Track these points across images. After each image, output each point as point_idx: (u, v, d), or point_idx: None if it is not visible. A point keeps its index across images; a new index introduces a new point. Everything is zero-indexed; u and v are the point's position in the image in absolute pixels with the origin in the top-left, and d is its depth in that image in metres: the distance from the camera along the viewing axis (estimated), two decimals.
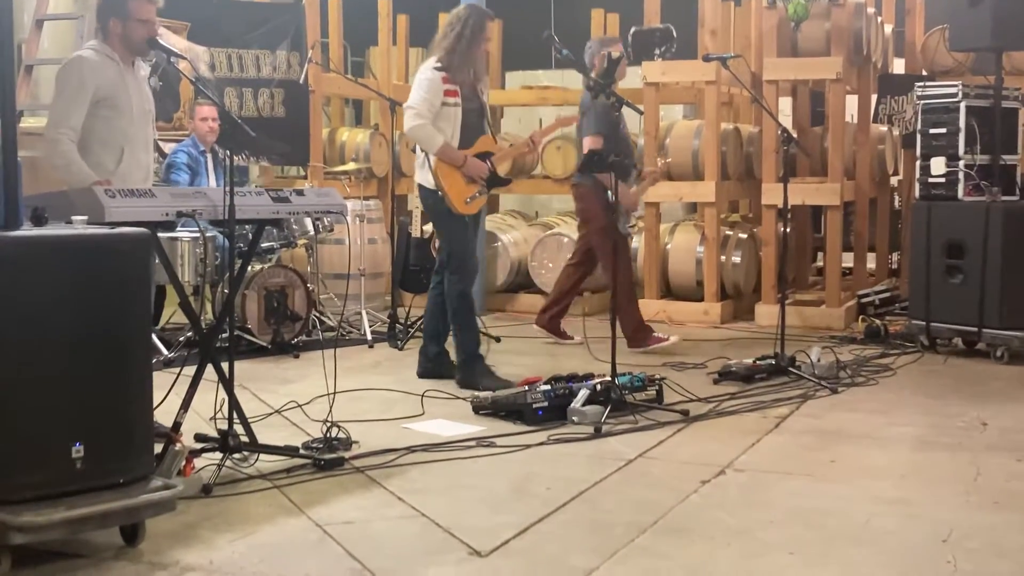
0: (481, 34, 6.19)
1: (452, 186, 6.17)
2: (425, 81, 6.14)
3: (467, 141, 6.22)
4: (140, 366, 3.73)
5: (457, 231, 6.27)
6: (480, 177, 6.22)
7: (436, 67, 6.17)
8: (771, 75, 8.61)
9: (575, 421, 5.30)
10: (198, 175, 7.64)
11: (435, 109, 6.11)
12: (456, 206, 6.18)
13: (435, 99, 6.11)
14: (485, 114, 6.42)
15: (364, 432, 5.03)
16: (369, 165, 9.52)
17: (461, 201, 6.19)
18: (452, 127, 6.16)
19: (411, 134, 6.22)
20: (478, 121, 6.31)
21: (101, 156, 4.72)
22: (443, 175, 6.16)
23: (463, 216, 6.24)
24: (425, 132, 6.10)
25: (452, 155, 6.14)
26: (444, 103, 6.13)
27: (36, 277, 3.42)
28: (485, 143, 6.32)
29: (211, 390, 4.60)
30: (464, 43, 6.16)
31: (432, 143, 6.11)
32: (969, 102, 7.30)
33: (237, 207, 4.37)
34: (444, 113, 6.14)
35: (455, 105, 6.16)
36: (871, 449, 5.03)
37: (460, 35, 6.18)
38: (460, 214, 6.21)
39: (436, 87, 6.11)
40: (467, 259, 6.28)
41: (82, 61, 4.74)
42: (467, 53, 6.18)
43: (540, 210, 12.14)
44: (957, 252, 7.15)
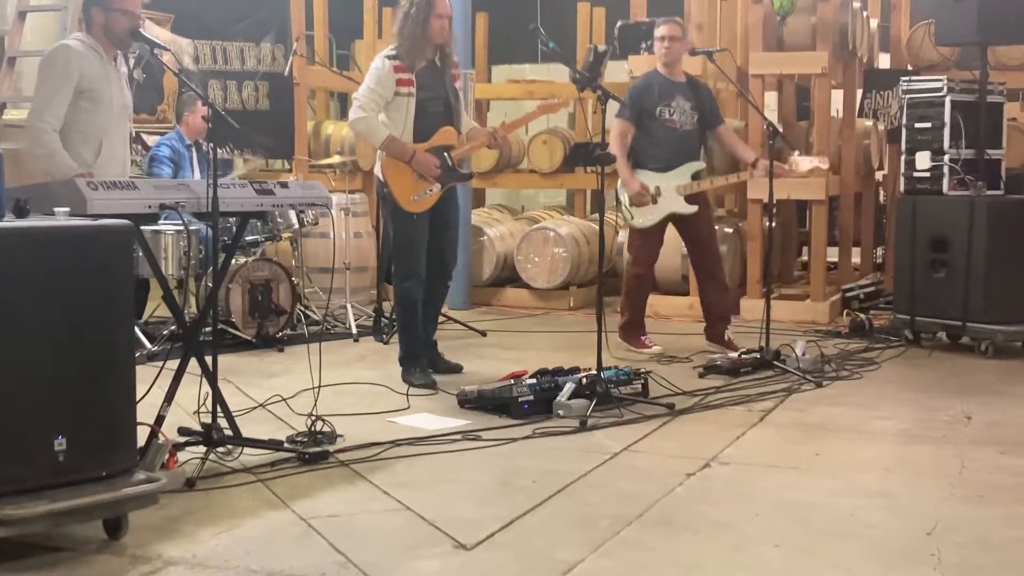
0: (430, 11, 5.84)
1: (397, 182, 5.93)
2: (374, 71, 5.91)
3: (425, 133, 5.95)
4: (123, 359, 3.70)
5: (402, 229, 6.02)
6: (429, 174, 5.92)
7: (388, 55, 5.92)
8: (757, 69, 8.61)
9: (561, 415, 5.29)
10: (181, 168, 7.61)
11: (384, 100, 5.88)
12: (401, 203, 5.95)
13: (384, 90, 5.86)
14: (452, 103, 6.05)
15: (349, 426, 5.00)
16: (354, 158, 9.49)
17: (406, 198, 5.94)
18: (404, 118, 5.90)
19: (353, 127, 6.04)
20: (442, 110, 6.00)
21: (80, 148, 4.69)
22: (388, 170, 5.94)
23: (412, 214, 5.96)
24: (367, 125, 5.88)
25: (398, 149, 5.87)
26: (397, 93, 5.87)
27: (18, 269, 3.39)
28: (444, 136, 6.00)
29: (195, 384, 4.57)
30: (413, 24, 5.86)
31: (375, 136, 5.89)
32: (954, 96, 7.31)
33: (221, 199, 4.34)
34: (396, 103, 5.89)
35: (408, 95, 5.88)
36: (856, 443, 5.03)
37: (407, 16, 5.89)
38: (408, 212, 5.96)
39: (385, 77, 5.85)
40: (410, 259, 6.03)
41: (68, 50, 4.71)
42: (418, 35, 5.87)
43: (526, 204, 12.14)
44: (942, 246, 7.16)
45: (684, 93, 6.90)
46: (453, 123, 6.06)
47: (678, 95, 6.88)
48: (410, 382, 5.96)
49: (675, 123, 6.86)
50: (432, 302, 6.30)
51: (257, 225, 7.44)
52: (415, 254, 6.03)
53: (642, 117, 6.77)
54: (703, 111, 6.95)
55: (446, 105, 6.01)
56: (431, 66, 5.99)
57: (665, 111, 6.84)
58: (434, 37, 5.90)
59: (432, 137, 5.97)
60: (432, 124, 5.97)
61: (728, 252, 9.00)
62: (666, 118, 6.84)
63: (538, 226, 9.39)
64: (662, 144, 6.84)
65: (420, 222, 6.02)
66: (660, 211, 6.83)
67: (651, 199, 6.79)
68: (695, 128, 6.94)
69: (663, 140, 6.84)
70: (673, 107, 6.84)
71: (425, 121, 5.95)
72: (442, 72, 6.02)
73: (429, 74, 5.96)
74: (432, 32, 5.88)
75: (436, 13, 5.86)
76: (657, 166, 6.84)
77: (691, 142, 6.94)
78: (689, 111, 6.89)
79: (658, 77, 6.93)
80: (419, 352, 6.14)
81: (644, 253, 7.03)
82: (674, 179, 6.84)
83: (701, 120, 6.95)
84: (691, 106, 6.89)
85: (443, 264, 6.22)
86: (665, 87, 6.87)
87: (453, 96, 6.05)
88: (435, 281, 6.22)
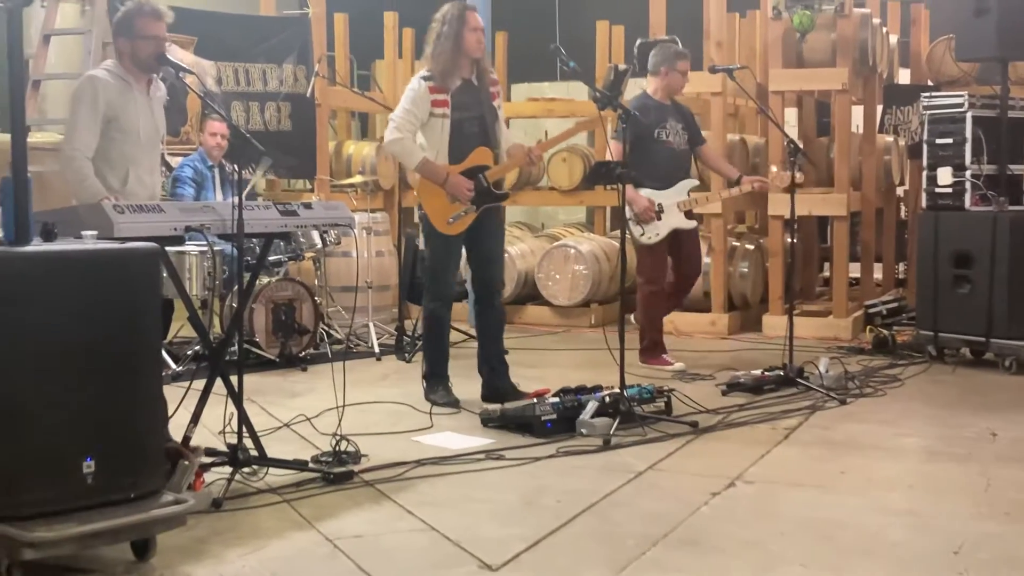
0: (463, 26, 5.77)
1: (432, 204, 5.89)
2: (410, 92, 5.86)
3: (461, 153, 5.89)
4: (150, 380, 3.74)
5: (436, 250, 5.98)
6: (462, 197, 5.85)
7: (423, 76, 5.87)
8: (777, 86, 8.61)
9: (584, 433, 5.29)
10: (204, 189, 7.65)
11: (420, 120, 5.83)
12: (436, 225, 5.90)
13: (419, 111, 5.81)
14: (489, 122, 5.96)
15: (373, 445, 5.02)
16: (375, 178, 9.52)
17: (442, 220, 5.89)
18: (439, 139, 5.86)
19: (388, 148, 6.02)
20: (477, 130, 5.92)
21: (107, 175, 4.73)
22: (424, 193, 5.92)
23: (447, 236, 5.91)
24: (402, 147, 5.84)
25: (432, 172, 5.82)
26: (432, 114, 5.83)
27: (46, 292, 3.43)
28: (480, 156, 5.92)
29: (220, 404, 4.60)
30: (446, 41, 5.79)
31: (410, 159, 5.85)
32: (975, 112, 7.30)
33: (246, 221, 4.37)
34: (431, 124, 5.85)
35: (443, 116, 5.83)
36: (881, 460, 5.02)
37: (439, 35, 5.82)
38: (442, 233, 5.92)
39: (421, 97, 5.81)
40: (439, 280, 6.00)
41: (95, 80, 4.76)
42: (452, 52, 5.79)
43: (546, 222, 12.16)
44: (964, 262, 7.14)
45: (674, 115, 7.20)
46: (489, 142, 5.96)
47: (670, 117, 7.16)
48: (433, 401, 5.96)
49: (671, 143, 7.13)
50: (487, 327, 6.18)
51: (280, 245, 7.48)
52: (445, 276, 6.02)
53: (640, 139, 6.85)
54: (691, 131, 7.27)
55: (482, 124, 5.93)
56: (468, 85, 5.91)
57: (662, 133, 7.08)
58: (470, 51, 5.83)
59: (467, 158, 5.90)
60: (468, 144, 5.90)
61: (749, 269, 9.01)
62: (663, 139, 7.09)
63: (558, 244, 9.41)
64: (660, 163, 7.05)
65: (454, 244, 6.00)
66: (665, 226, 7.05)
67: (656, 215, 7.00)
68: (687, 147, 7.25)
69: (661, 160, 7.07)
70: (668, 128, 7.12)
71: (461, 142, 5.89)
72: (479, 90, 5.94)
73: (465, 93, 5.89)
74: (468, 46, 5.81)
75: (469, 27, 5.80)
76: (656, 184, 7.04)
77: (685, 161, 7.28)
78: (680, 131, 7.18)
79: (650, 100, 7.15)
80: (443, 371, 6.11)
81: (655, 270, 7.17)
82: (673, 196, 7.08)
83: (690, 139, 7.26)
84: (681, 127, 7.19)
85: (489, 287, 6.14)
86: (659, 110, 7.09)
87: (490, 115, 5.97)
88: (484, 304, 6.16)
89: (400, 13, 10.70)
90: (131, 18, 4.82)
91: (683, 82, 7.22)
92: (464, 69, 5.90)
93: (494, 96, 6.02)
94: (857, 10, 8.67)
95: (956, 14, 7.56)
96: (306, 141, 9.33)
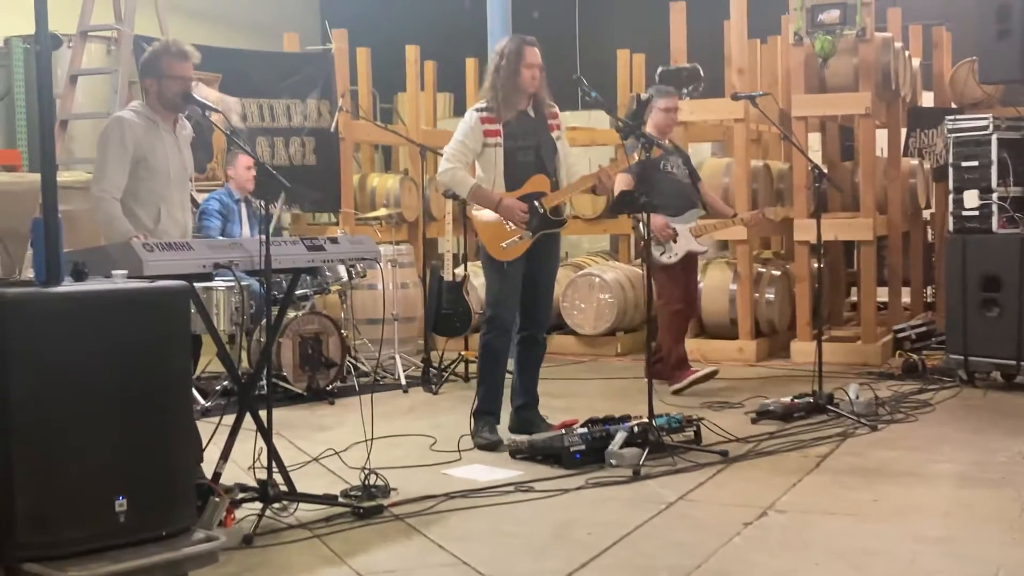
0: (519, 62, 5.83)
1: (488, 232, 5.89)
2: (463, 124, 5.92)
3: (516, 182, 5.88)
4: (181, 418, 3.76)
5: (492, 278, 5.96)
6: (515, 220, 5.83)
7: (477, 108, 5.93)
8: (800, 111, 8.61)
9: (613, 464, 5.27)
10: (230, 222, 7.71)
11: (473, 152, 5.87)
12: (491, 251, 5.90)
13: (472, 142, 5.86)
14: (545, 151, 5.94)
15: (402, 479, 5.02)
16: (400, 210, 9.58)
17: (496, 246, 5.87)
18: (494, 168, 5.87)
19: (440, 179, 6.08)
20: (533, 160, 5.91)
21: (139, 215, 4.76)
22: (478, 219, 6.00)
23: (502, 263, 5.88)
24: (453, 176, 5.88)
25: (484, 197, 5.85)
26: (485, 144, 5.86)
27: (78, 332, 3.45)
28: (536, 183, 5.90)
29: (249, 439, 4.61)
30: (502, 76, 5.86)
31: (461, 187, 5.89)
32: (1000, 134, 7.27)
33: (273, 257, 4.40)
34: (485, 155, 5.88)
35: (495, 145, 5.85)
36: (913, 487, 4.97)
37: (497, 68, 5.90)
38: (499, 261, 5.89)
39: (472, 129, 5.86)
40: (498, 310, 5.92)
41: (121, 122, 4.80)
42: (508, 86, 5.85)
43: (571, 250, 12.16)
44: (993, 285, 7.10)
45: (674, 154, 7.49)
46: (546, 171, 5.94)
47: (671, 155, 7.40)
48: (477, 442, 5.82)
49: (675, 175, 7.44)
50: (528, 362, 6.11)
51: (307, 279, 7.51)
52: (504, 304, 5.92)
53: (647, 170, 6.83)
54: (689, 167, 7.63)
55: (537, 154, 5.93)
56: (523, 116, 5.93)
57: (667, 164, 7.36)
58: (526, 86, 5.87)
59: (523, 186, 5.90)
60: (524, 173, 5.90)
61: (776, 295, 8.98)
62: (669, 170, 7.37)
63: (583, 272, 9.41)
64: (670, 193, 7.28)
65: (512, 272, 5.91)
66: (682, 248, 7.34)
67: (673, 235, 7.29)
68: (689, 180, 7.56)
69: (671, 190, 7.30)
70: (672, 162, 7.42)
71: (515, 170, 5.89)
72: (535, 121, 5.95)
73: (520, 124, 5.91)
74: (523, 82, 5.85)
75: (526, 63, 5.84)
76: (668, 212, 7.27)
77: (692, 192, 7.56)
78: (682, 166, 7.52)
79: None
80: (493, 408, 5.97)
81: (675, 291, 7.41)
82: (685, 222, 7.36)
83: (690, 174, 7.61)
84: (681, 162, 7.53)
85: (535, 322, 6.07)
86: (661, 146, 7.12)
87: (547, 145, 5.97)
88: (528, 339, 6.08)
89: (421, 47, 10.76)
90: (158, 58, 4.86)
91: (667, 120, 7.41)
92: (520, 102, 5.94)
93: (553, 128, 6.03)
94: (878, 34, 8.67)
95: (979, 37, 7.56)
96: (331, 175, 9.39)
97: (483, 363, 6.02)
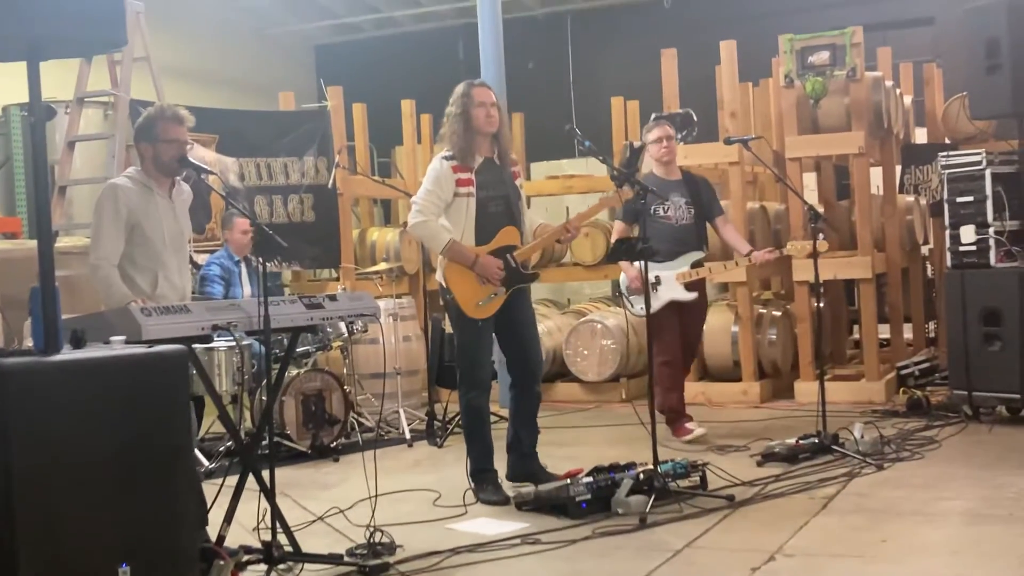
0: (470, 102, 5.69)
1: (461, 288, 5.72)
2: (432, 172, 5.72)
3: (487, 234, 5.76)
4: (183, 482, 3.75)
5: (467, 336, 5.79)
6: (492, 278, 5.71)
7: (445, 156, 5.75)
8: (794, 153, 8.66)
9: (620, 512, 5.25)
10: (232, 285, 7.73)
11: (444, 201, 5.68)
12: (465, 309, 5.74)
13: (443, 191, 5.67)
14: (513, 201, 5.87)
15: (408, 535, 4.99)
16: (400, 263, 9.60)
17: (471, 304, 5.72)
18: (465, 220, 5.71)
19: (412, 232, 5.86)
20: (503, 210, 5.81)
21: (136, 280, 4.79)
22: (451, 276, 5.74)
23: (476, 321, 5.75)
24: (428, 230, 5.69)
25: (460, 254, 5.67)
26: (456, 193, 5.68)
27: (77, 400, 3.45)
28: (507, 236, 5.80)
29: (253, 499, 4.59)
30: (457, 120, 5.72)
31: (436, 241, 5.69)
32: (994, 169, 7.29)
33: (272, 316, 4.42)
34: (456, 205, 5.70)
35: (468, 195, 5.70)
36: (922, 526, 4.95)
37: (449, 114, 5.77)
38: (472, 318, 5.76)
39: (444, 177, 5.68)
40: (475, 369, 5.80)
41: (115, 189, 4.83)
42: (464, 129, 5.70)
43: (572, 297, 12.18)
44: (994, 319, 7.10)
45: (679, 190, 7.23)
46: (515, 222, 5.88)
47: (673, 194, 7.19)
48: (483, 500, 5.73)
49: (670, 219, 7.20)
50: (523, 412, 6.00)
51: (308, 336, 7.50)
52: (480, 362, 5.83)
53: (639, 216, 6.85)
54: (700, 204, 7.28)
55: (507, 204, 5.84)
56: (490, 163, 5.82)
57: (659, 209, 7.15)
58: (480, 127, 5.73)
59: (494, 238, 5.78)
60: (494, 225, 5.78)
61: (778, 335, 8.97)
62: (660, 215, 7.17)
63: (585, 319, 9.42)
64: (660, 239, 7.06)
65: (485, 329, 5.81)
66: (660, 299, 7.10)
67: (653, 287, 7.02)
68: (692, 222, 7.25)
69: (661, 235, 7.10)
70: (668, 205, 7.18)
71: (486, 222, 5.76)
72: (501, 169, 5.85)
73: (489, 172, 5.79)
74: (477, 122, 5.72)
75: (476, 102, 5.71)
76: (658, 259, 7.10)
77: (688, 235, 7.25)
78: (684, 206, 7.23)
79: (653, 179, 7.15)
80: (488, 465, 5.89)
81: (661, 342, 7.07)
82: (674, 268, 7.14)
83: (700, 212, 7.28)
84: (686, 201, 7.23)
85: (528, 370, 5.96)
86: (661, 187, 7.03)
87: (514, 194, 5.89)
88: (523, 388, 5.98)
89: (417, 100, 10.86)
90: (152, 122, 4.91)
91: (660, 150, 7.22)
92: (483, 147, 5.81)
93: (516, 175, 5.97)
94: (869, 74, 8.72)
95: (969, 72, 7.58)
96: (329, 231, 9.43)
97: (469, 423, 5.89)
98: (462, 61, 14.63)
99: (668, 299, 7.11)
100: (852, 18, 9.61)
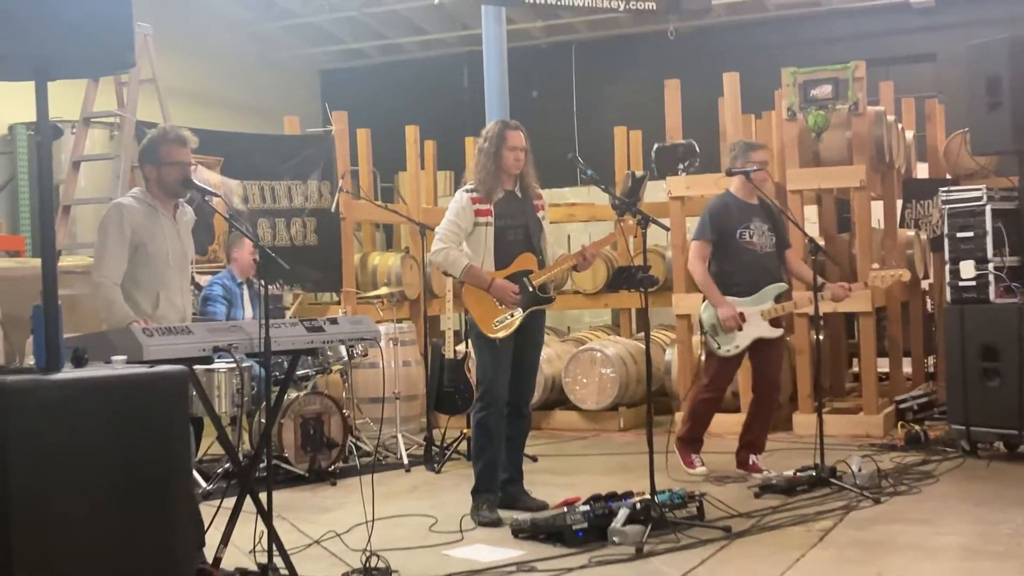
0: (503, 144, 6.04)
1: (479, 309, 6.00)
2: (453, 204, 6.08)
3: (506, 260, 6.05)
4: (181, 503, 3.75)
5: (484, 356, 6.05)
6: (507, 300, 5.97)
7: (467, 189, 6.11)
8: (795, 185, 8.69)
9: (616, 542, 5.24)
10: (234, 306, 7.75)
11: (464, 231, 6.02)
12: (483, 329, 6.00)
13: (463, 221, 6.02)
14: (532, 230, 6.12)
15: (403, 560, 4.99)
16: (401, 288, 9.62)
17: (488, 325, 5.98)
18: (484, 247, 6.03)
19: (433, 260, 6.14)
20: (522, 238, 6.10)
21: (138, 300, 4.81)
22: (470, 299, 6.03)
23: (494, 340, 5.99)
24: (446, 257, 6.00)
25: (477, 277, 5.98)
26: (475, 223, 6.03)
27: (77, 419, 3.46)
28: (524, 262, 6.09)
29: (250, 522, 4.59)
30: (486, 157, 6.06)
31: (455, 267, 6.01)
32: (994, 205, 7.32)
33: (273, 339, 4.43)
34: (475, 234, 6.04)
35: (486, 224, 6.02)
36: (918, 561, 4.94)
37: (481, 150, 6.10)
38: (491, 338, 6.00)
39: (464, 209, 6.02)
40: (490, 387, 6.00)
41: (120, 208, 4.86)
42: (492, 166, 6.04)
43: (572, 325, 12.19)
44: (992, 355, 7.11)
45: (759, 215, 6.85)
46: (533, 249, 6.13)
47: (755, 217, 6.82)
48: (477, 519, 5.84)
49: (755, 245, 6.77)
50: (514, 435, 6.17)
51: (308, 359, 7.52)
52: (496, 381, 6.00)
53: (722, 239, 6.69)
54: (778, 233, 6.89)
55: (526, 233, 6.11)
56: (511, 196, 6.12)
57: (745, 233, 6.76)
58: (508, 168, 6.06)
59: (512, 263, 6.06)
60: (512, 251, 6.08)
61: None
62: (746, 240, 6.76)
63: (585, 347, 9.43)
64: (744, 268, 6.74)
65: (503, 349, 6.02)
66: (747, 337, 6.71)
67: (737, 326, 6.66)
68: (773, 250, 6.86)
69: (745, 264, 6.74)
70: (752, 229, 6.78)
71: (505, 248, 6.06)
72: (523, 202, 6.14)
73: (509, 204, 6.09)
74: (506, 164, 6.05)
75: (508, 146, 6.04)
76: (741, 291, 6.73)
77: (771, 264, 6.85)
78: (767, 232, 6.82)
79: (733, 199, 6.89)
80: (492, 485, 6.02)
81: (720, 379, 6.89)
82: (758, 303, 6.74)
83: (777, 242, 6.89)
84: (768, 228, 6.83)
85: (522, 395, 6.16)
86: (743, 208, 6.82)
87: (534, 224, 6.15)
88: (514, 411, 6.13)
89: (421, 126, 10.91)
90: (156, 145, 4.94)
91: (765, 174, 6.94)
92: (506, 183, 6.12)
93: (538, 208, 6.21)
94: (871, 108, 8.77)
95: (970, 108, 7.61)
96: (332, 255, 9.46)
97: (478, 440, 6.06)
98: (466, 89, 14.72)
99: (754, 337, 6.70)
100: (855, 53, 9.69)
